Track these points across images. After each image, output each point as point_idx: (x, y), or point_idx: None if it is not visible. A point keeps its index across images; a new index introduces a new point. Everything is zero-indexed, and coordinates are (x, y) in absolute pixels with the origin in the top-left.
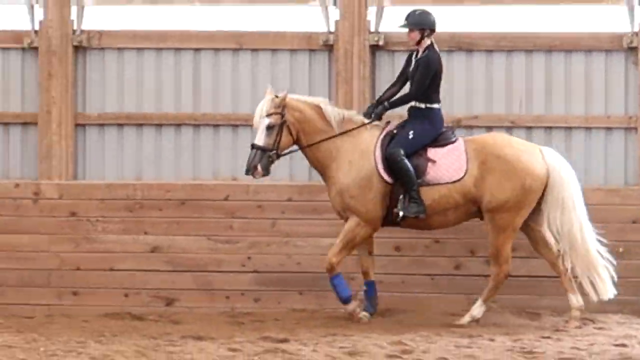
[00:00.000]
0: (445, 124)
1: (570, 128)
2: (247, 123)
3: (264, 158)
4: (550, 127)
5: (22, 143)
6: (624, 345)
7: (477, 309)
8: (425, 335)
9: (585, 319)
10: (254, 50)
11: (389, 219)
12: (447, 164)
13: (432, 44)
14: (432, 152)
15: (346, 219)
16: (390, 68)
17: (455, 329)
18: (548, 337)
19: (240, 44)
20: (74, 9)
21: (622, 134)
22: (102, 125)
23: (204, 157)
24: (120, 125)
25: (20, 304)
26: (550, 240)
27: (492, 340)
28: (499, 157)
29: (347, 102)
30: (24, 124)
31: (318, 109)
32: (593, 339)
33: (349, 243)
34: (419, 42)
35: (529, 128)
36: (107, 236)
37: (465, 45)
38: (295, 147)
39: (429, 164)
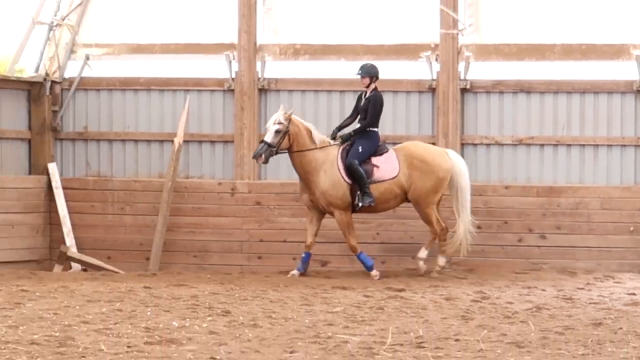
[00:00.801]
0: (380, 141)
1: (597, 145)
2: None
3: (267, 151)
4: (583, 145)
5: (224, 155)
6: (633, 294)
7: (423, 253)
8: (498, 287)
9: (608, 276)
10: (382, 91)
11: (353, 209)
12: (385, 167)
13: (376, 87)
14: (374, 160)
15: (330, 213)
16: (474, 105)
17: (518, 282)
18: (582, 288)
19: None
20: (259, 64)
21: (632, 150)
22: None
23: None
24: None
25: (222, 264)
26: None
27: (544, 290)
28: (419, 159)
29: (445, 129)
30: (225, 141)
31: (309, 130)
32: (612, 289)
33: (348, 227)
34: (368, 85)
35: (569, 145)
36: (281, 218)
37: (526, 88)
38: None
39: (374, 168)
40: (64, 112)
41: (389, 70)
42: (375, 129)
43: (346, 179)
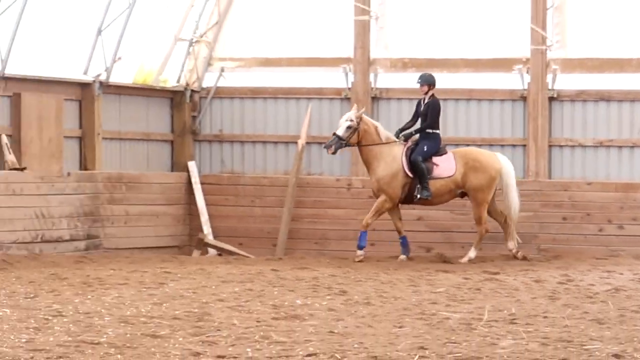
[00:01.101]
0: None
1: None
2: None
3: (337, 143)
4: None
5: (343, 154)
6: None
7: (473, 253)
8: (581, 271)
9: None
10: (479, 100)
11: (407, 199)
12: (444, 166)
13: (433, 93)
14: (435, 159)
15: (376, 197)
16: (560, 111)
17: (598, 266)
18: None
19: (470, 96)
20: (372, 75)
21: None
22: None
23: None
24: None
25: (339, 250)
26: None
27: (621, 274)
28: (473, 161)
29: (534, 132)
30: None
31: (376, 127)
32: None
33: (378, 212)
34: (426, 92)
35: None
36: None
37: (606, 97)
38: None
39: (434, 166)
40: (202, 117)
41: (485, 81)
42: (437, 131)
43: (408, 173)
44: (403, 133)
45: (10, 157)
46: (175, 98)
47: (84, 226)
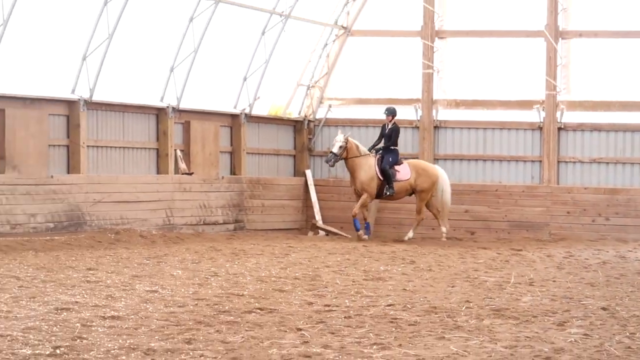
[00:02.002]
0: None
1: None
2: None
3: (334, 158)
4: (633, 163)
5: None
6: None
7: (411, 233)
8: (579, 249)
9: None
10: (509, 129)
11: (378, 196)
12: (402, 172)
13: (395, 121)
14: (396, 167)
15: (359, 196)
16: (566, 138)
17: (591, 246)
18: (631, 251)
19: (503, 126)
20: (434, 111)
21: None
22: (447, 159)
23: None
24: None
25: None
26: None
27: (607, 252)
28: (422, 170)
29: (547, 152)
30: (412, 159)
31: (357, 145)
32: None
33: (363, 204)
34: (390, 121)
35: (623, 163)
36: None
37: (597, 128)
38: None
39: (396, 172)
40: (315, 139)
41: (513, 115)
42: (397, 148)
43: (380, 177)
44: (374, 148)
45: (182, 165)
46: (297, 125)
47: (233, 214)
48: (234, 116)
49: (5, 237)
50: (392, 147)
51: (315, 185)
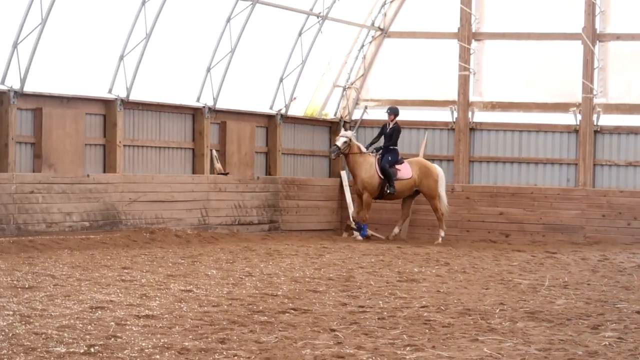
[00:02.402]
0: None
1: None
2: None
3: (337, 151)
4: None
5: (447, 167)
6: None
7: (442, 233)
8: (614, 252)
9: None
10: (546, 131)
11: (379, 196)
12: (404, 171)
13: (396, 120)
14: (397, 166)
15: (360, 196)
16: (602, 140)
17: (626, 249)
18: None
19: (539, 129)
20: (470, 113)
21: None
22: (482, 161)
23: None
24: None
25: (446, 234)
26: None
27: None
28: (425, 167)
29: (583, 154)
30: (448, 160)
31: (358, 146)
32: None
33: (367, 206)
34: (392, 120)
35: None
36: (481, 207)
37: (633, 131)
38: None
39: (397, 171)
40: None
41: (549, 118)
42: (396, 147)
43: (380, 175)
44: (373, 147)
45: (218, 165)
46: (332, 126)
47: (267, 214)
48: (270, 117)
49: (41, 235)
50: (392, 147)
51: (350, 186)
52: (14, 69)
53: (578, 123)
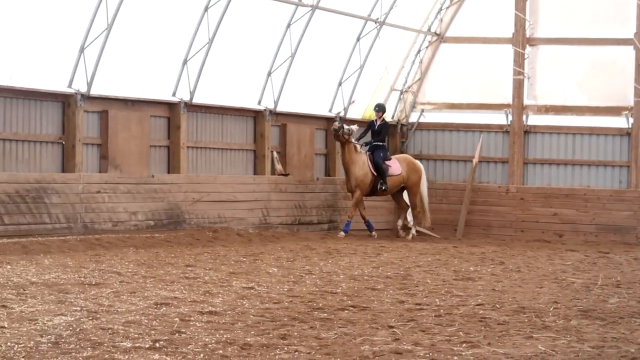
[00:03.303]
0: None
1: None
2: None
3: (340, 127)
4: None
5: (502, 169)
6: None
7: (414, 230)
8: None
9: None
10: (598, 134)
11: (371, 192)
12: (393, 167)
13: (384, 117)
14: (388, 162)
15: (352, 192)
16: None
17: None
18: None
19: (592, 132)
20: (524, 116)
21: None
22: (536, 163)
23: None
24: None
25: (499, 234)
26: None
27: None
28: (411, 164)
29: (635, 157)
30: (503, 162)
31: (355, 146)
32: None
33: (357, 203)
34: (380, 117)
35: None
36: (535, 208)
37: None
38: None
39: (388, 167)
40: (408, 142)
41: (602, 121)
42: (385, 144)
43: (373, 172)
44: (365, 143)
45: (278, 167)
46: (390, 129)
47: (327, 214)
48: (329, 119)
49: (108, 234)
50: (381, 143)
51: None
52: (81, 72)
53: (630, 126)
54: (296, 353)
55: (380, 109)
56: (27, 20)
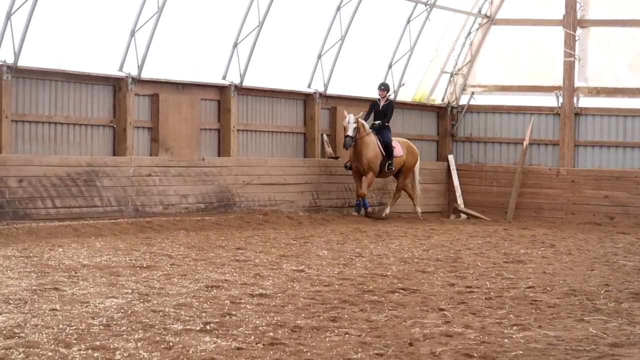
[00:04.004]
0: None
1: None
2: None
3: (351, 141)
4: None
5: (552, 152)
6: None
7: (388, 210)
8: None
9: None
10: None
11: (380, 173)
12: (398, 149)
13: (388, 97)
14: (393, 144)
15: (361, 174)
16: None
17: None
18: None
19: None
20: (575, 99)
21: None
22: (587, 145)
23: None
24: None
25: (550, 217)
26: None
27: None
28: (409, 145)
29: None
30: (553, 144)
31: (363, 124)
32: None
33: (370, 184)
34: (384, 97)
35: None
36: (586, 190)
37: None
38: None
39: (394, 149)
40: (458, 125)
41: None
42: (390, 124)
43: (383, 152)
44: (373, 125)
45: (328, 149)
46: (440, 112)
47: (377, 196)
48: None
49: (159, 217)
50: (387, 124)
51: (457, 170)
52: (132, 56)
53: None
54: (346, 335)
55: (385, 87)
56: (78, 5)
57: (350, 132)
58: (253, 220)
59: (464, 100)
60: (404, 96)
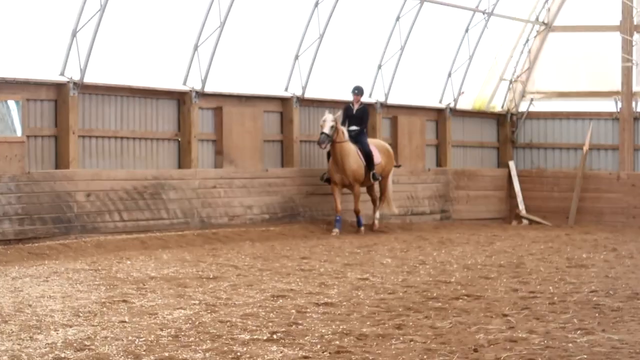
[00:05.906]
0: None
1: None
2: None
3: (327, 139)
4: None
5: (612, 157)
6: None
7: (378, 214)
8: None
9: None
10: None
11: (364, 183)
12: (376, 155)
13: (362, 101)
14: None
15: (344, 186)
16: None
17: None
18: None
19: None
20: (634, 103)
21: None
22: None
23: None
24: None
25: (610, 221)
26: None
27: None
28: (385, 148)
29: None
30: (613, 149)
31: (342, 130)
32: None
33: (359, 196)
34: (358, 101)
35: None
36: None
37: None
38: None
39: (374, 155)
40: (518, 132)
41: None
42: (365, 130)
43: (364, 162)
44: (352, 131)
45: None
46: (500, 119)
47: (439, 204)
48: (439, 110)
49: (224, 228)
50: (364, 130)
51: (518, 176)
52: (195, 70)
53: None
54: (412, 342)
55: (359, 92)
56: (141, 21)
57: (326, 130)
58: (317, 230)
59: (523, 107)
60: (463, 104)
